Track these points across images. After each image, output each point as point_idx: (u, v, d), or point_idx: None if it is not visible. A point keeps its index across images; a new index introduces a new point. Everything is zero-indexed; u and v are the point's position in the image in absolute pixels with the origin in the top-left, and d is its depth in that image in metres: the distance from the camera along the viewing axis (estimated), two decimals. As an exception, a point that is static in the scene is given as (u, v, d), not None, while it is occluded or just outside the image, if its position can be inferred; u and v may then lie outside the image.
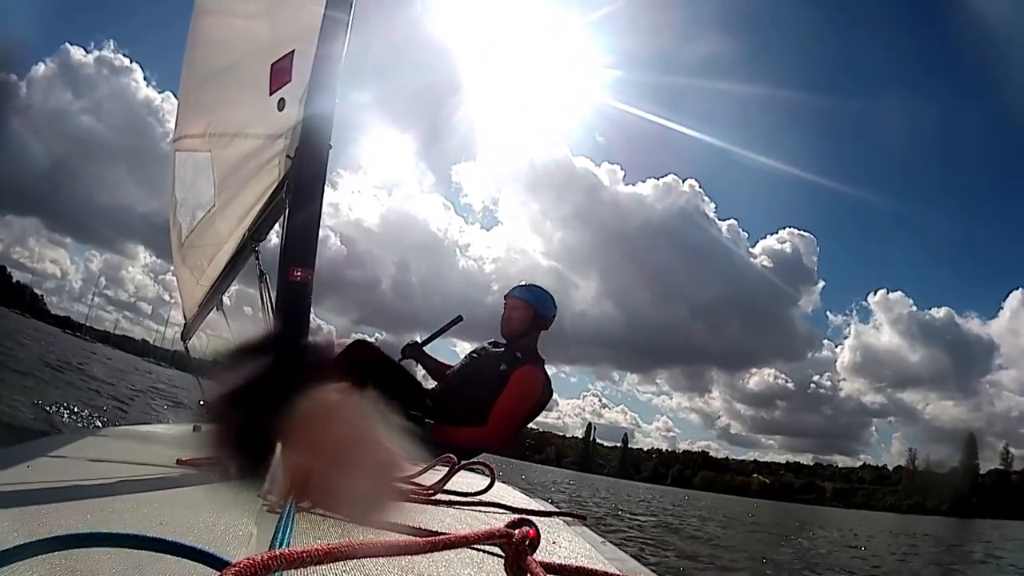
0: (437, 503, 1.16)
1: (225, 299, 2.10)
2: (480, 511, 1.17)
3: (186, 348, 2.60)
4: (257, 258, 1.61)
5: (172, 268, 2.25)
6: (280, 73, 1.36)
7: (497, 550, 0.75)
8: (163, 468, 1.21)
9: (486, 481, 1.36)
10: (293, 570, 0.41)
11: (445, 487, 1.25)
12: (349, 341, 2.09)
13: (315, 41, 1.29)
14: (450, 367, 2.66)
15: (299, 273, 1.16)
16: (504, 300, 2.62)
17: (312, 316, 1.16)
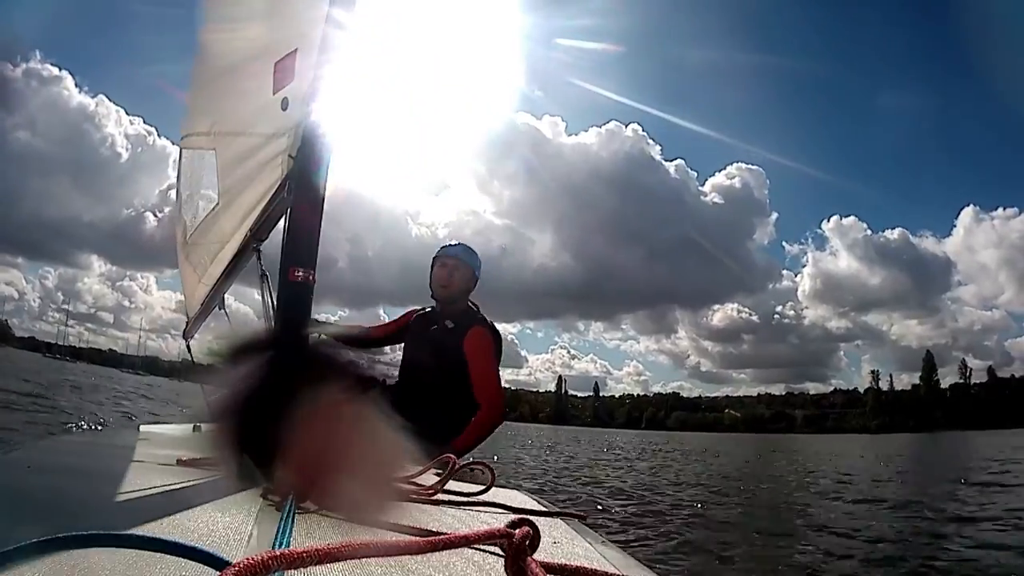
0: (437, 503, 1.16)
1: (228, 298, 2.11)
2: (480, 511, 1.17)
3: (188, 347, 2.60)
4: (259, 258, 1.61)
5: (177, 269, 2.24)
6: (283, 72, 1.36)
7: (497, 550, 0.75)
8: (163, 468, 1.21)
9: (486, 481, 1.36)
10: (293, 570, 0.41)
11: (445, 487, 1.25)
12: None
13: (318, 41, 1.29)
14: (370, 335, 2.60)
15: (300, 273, 1.16)
16: (440, 261, 2.53)
17: (328, 317, 1.14)
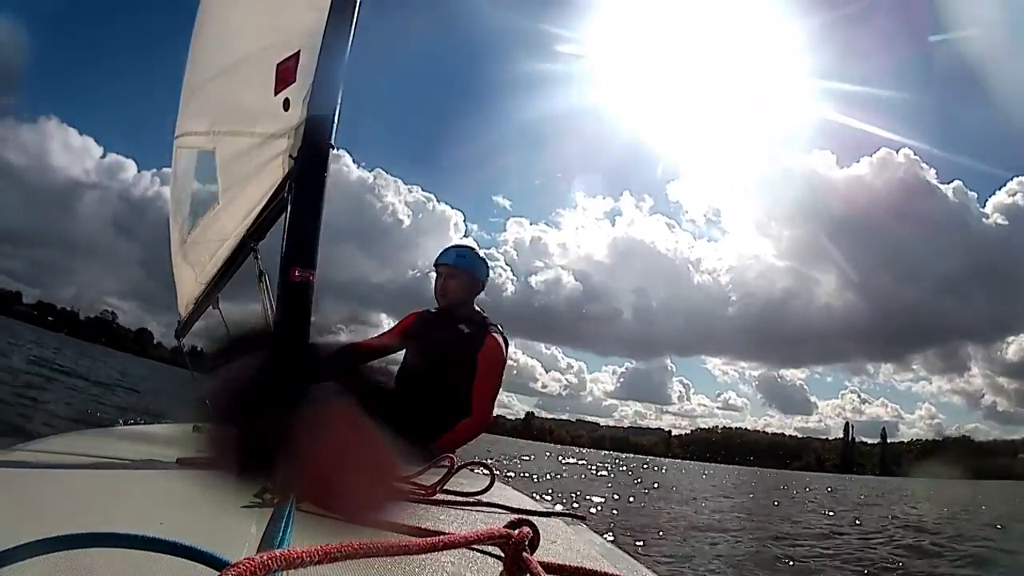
0: (437, 503, 1.16)
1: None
2: (480, 511, 1.17)
3: (180, 346, 2.59)
4: (256, 257, 1.61)
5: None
6: (286, 73, 1.36)
7: (497, 550, 0.75)
8: (163, 468, 1.21)
9: (486, 481, 1.36)
10: (293, 570, 0.41)
11: (445, 487, 1.25)
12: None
13: (319, 42, 1.29)
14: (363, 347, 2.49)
15: (300, 273, 1.16)
16: (435, 269, 2.48)
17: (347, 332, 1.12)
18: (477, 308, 2.53)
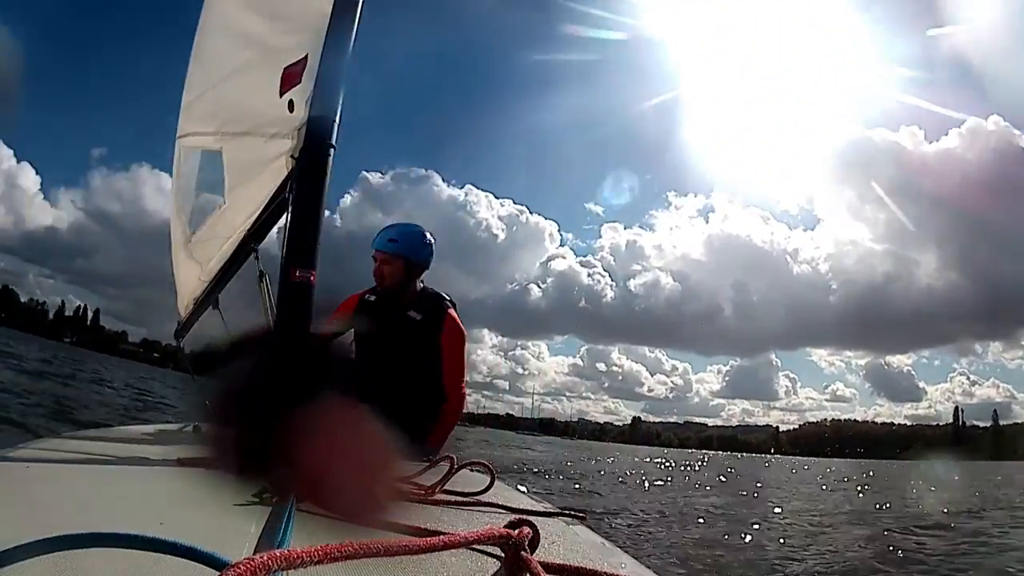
0: (437, 503, 1.16)
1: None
2: (479, 511, 1.17)
3: (179, 346, 2.59)
4: (256, 257, 1.62)
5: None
6: (292, 76, 1.37)
7: (497, 550, 0.75)
8: (163, 468, 1.21)
9: (486, 481, 1.36)
10: (293, 570, 0.41)
11: (445, 487, 1.25)
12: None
13: (321, 44, 1.30)
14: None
15: (300, 274, 1.16)
16: (373, 254, 2.33)
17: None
18: (422, 285, 2.39)
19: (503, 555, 0.71)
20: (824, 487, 16.95)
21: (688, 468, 25.88)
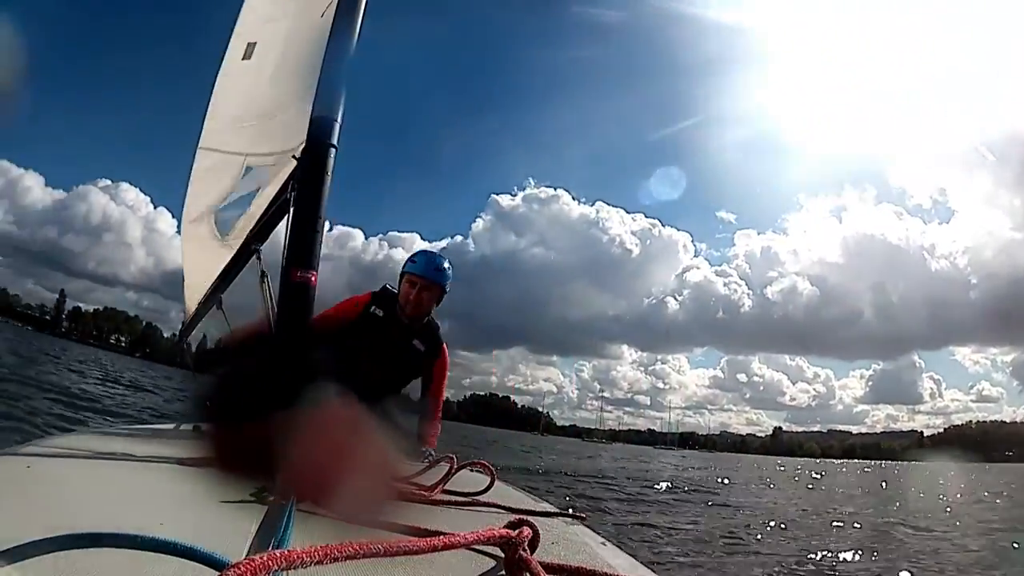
0: (437, 503, 1.16)
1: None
2: (480, 511, 1.17)
3: (185, 346, 2.61)
4: (258, 258, 1.62)
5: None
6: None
7: (497, 550, 0.75)
8: (163, 468, 1.21)
9: (486, 481, 1.36)
10: (293, 570, 0.41)
11: (445, 487, 1.25)
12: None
13: (323, 43, 1.30)
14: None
15: (301, 275, 1.16)
16: (410, 278, 2.32)
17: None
18: (431, 316, 2.46)
19: (503, 555, 0.71)
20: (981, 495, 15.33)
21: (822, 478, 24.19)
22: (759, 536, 6.37)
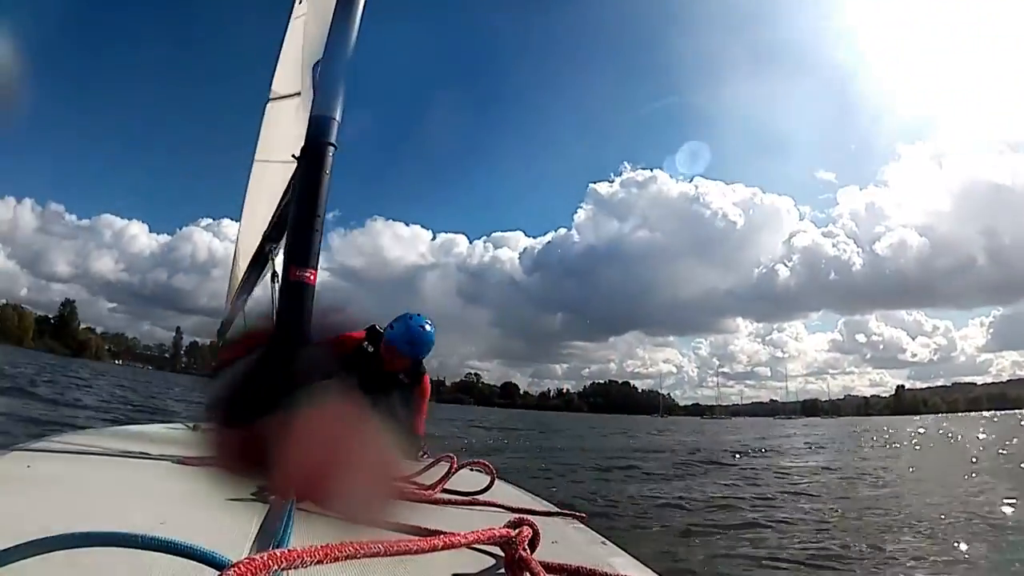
0: (437, 502, 1.16)
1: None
2: (480, 511, 1.17)
3: (219, 345, 2.67)
4: (271, 258, 1.63)
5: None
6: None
7: (497, 550, 0.75)
8: (163, 468, 1.21)
9: (486, 480, 1.36)
10: (293, 570, 0.41)
11: (445, 486, 1.26)
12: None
13: (323, 44, 1.30)
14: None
15: (299, 273, 1.16)
16: (386, 345, 2.38)
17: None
18: None
19: (503, 555, 0.71)
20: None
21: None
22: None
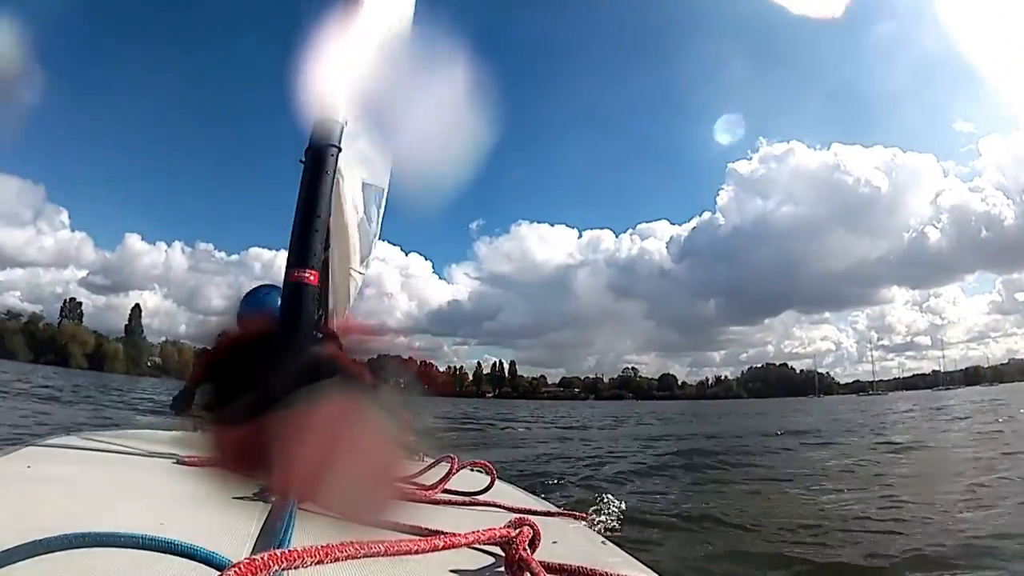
0: (437, 503, 1.16)
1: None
2: (480, 511, 1.17)
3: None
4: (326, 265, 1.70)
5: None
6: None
7: (497, 550, 0.75)
8: (163, 468, 1.21)
9: (486, 481, 1.36)
10: (293, 570, 0.41)
11: (445, 487, 1.25)
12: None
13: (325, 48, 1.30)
14: None
15: (298, 274, 1.16)
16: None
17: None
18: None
19: (503, 555, 0.71)
20: None
21: None
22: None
